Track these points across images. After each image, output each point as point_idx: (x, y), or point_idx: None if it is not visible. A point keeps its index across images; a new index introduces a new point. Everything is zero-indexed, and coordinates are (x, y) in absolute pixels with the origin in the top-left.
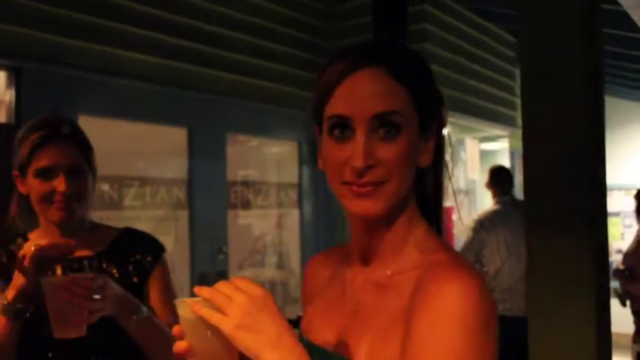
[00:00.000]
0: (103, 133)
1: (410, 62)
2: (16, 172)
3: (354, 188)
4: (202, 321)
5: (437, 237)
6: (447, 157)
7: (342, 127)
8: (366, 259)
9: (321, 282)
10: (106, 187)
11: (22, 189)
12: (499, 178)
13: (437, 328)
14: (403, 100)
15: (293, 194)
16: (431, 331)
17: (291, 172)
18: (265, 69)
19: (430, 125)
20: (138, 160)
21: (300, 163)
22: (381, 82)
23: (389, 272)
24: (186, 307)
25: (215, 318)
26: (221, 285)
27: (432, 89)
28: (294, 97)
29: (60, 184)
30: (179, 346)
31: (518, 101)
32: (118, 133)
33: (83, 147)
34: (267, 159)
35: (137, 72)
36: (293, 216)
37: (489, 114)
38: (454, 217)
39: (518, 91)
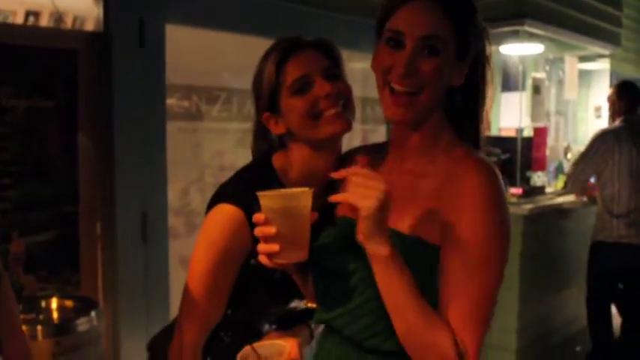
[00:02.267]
0: (191, 43)
1: (459, 2)
2: (266, 114)
3: (394, 87)
4: (285, 211)
5: (461, 144)
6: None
7: (396, 40)
8: (401, 153)
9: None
10: (194, 98)
11: (277, 129)
12: (628, 94)
13: (473, 207)
14: (446, 30)
15: (378, 110)
16: (469, 209)
17: (373, 87)
18: None
19: (465, 55)
20: (225, 70)
21: None
22: (432, 12)
23: (423, 164)
24: (269, 199)
25: (354, 200)
26: (354, 171)
27: (474, 27)
28: (372, 6)
29: (321, 87)
30: (268, 230)
31: (623, 17)
32: (205, 43)
33: (329, 52)
34: (354, 73)
35: None
36: (380, 132)
37: (591, 30)
38: (549, 139)
39: (623, 5)
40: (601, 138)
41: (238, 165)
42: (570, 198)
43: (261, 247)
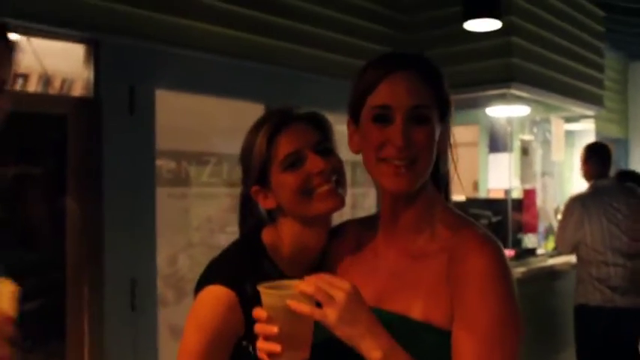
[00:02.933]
0: (179, 108)
1: (431, 68)
2: (255, 188)
3: (393, 162)
4: (289, 310)
5: (454, 211)
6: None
7: (383, 115)
8: (394, 232)
9: (346, 254)
10: (183, 163)
11: (266, 203)
12: (598, 156)
13: (482, 288)
14: (429, 97)
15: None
16: (478, 290)
17: None
18: (344, 43)
19: (446, 117)
20: (215, 135)
21: None
22: (414, 82)
23: (421, 243)
24: (272, 297)
25: (318, 313)
26: (315, 280)
27: (446, 90)
28: None
29: (313, 162)
30: (270, 330)
31: (605, 79)
32: (195, 107)
33: (320, 125)
34: (342, 136)
35: (215, 45)
36: (371, 196)
37: (575, 92)
38: (538, 200)
39: (605, 68)
40: (572, 204)
41: (228, 230)
42: (562, 259)
43: (261, 344)
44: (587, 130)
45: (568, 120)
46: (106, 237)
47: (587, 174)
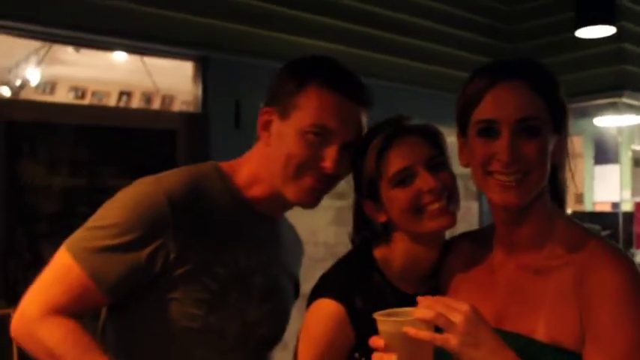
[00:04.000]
0: None
1: (543, 76)
2: (366, 202)
3: (500, 178)
4: (407, 337)
5: (577, 223)
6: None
7: (489, 129)
8: (512, 246)
9: (460, 270)
10: None
11: (378, 217)
12: None
13: (618, 307)
14: (539, 107)
15: (471, 185)
16: (614, 310)
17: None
18: (443, 54)
19: (561, 127)
20: None
21: None
22: (521, 92)
23: (542, 258)
24: (388, 324)
25: (440, 339)
26: (433, 304)
27: (562, 98)
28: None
29: (425, 180)
30: (388, 358)
31: None
32: None
33: (434, 136)
34: (453, 147)
35: None
36: (472, 209)
37: None
38: None
39: None
40: None
41: (332, 243)
42: None
43: None
44: None
45: None
46: None
47: None
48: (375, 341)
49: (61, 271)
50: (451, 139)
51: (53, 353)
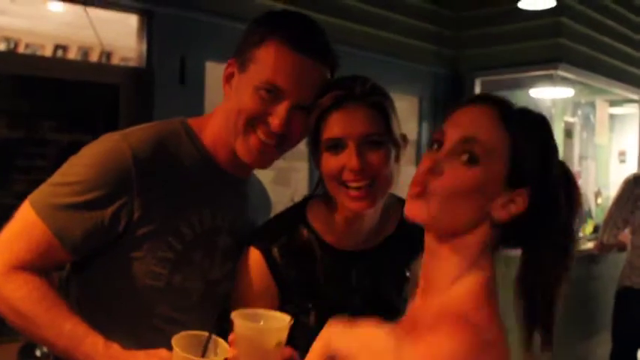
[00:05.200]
0: None
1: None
2: (310, 148)
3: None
4: (248, 340)
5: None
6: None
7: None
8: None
9: None
10: None
11: (316, 165)
12: None
13: None
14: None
15: (411, 151)
16: None
17: (410, 129)
18: (389, 20)
19: (520, 183)
20: None
21: (420, 120)
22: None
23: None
24: (237, 322)
25: None
26: None
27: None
28: (419, 51)
29: (350, 158)
30: (231, 352)
31: None
32: None
33: (382, 110)
34: None
35: None
36: (410, 173)
37: (622, 75)
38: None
39: None
40: (632, 182)
41: (272, 202)
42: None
43: None
44: (630, 115)
45: (612, 104)
46: None
47: None
48: (230, 337)
49: (24, 227)
50: (400, 104)
51: (18, 310)
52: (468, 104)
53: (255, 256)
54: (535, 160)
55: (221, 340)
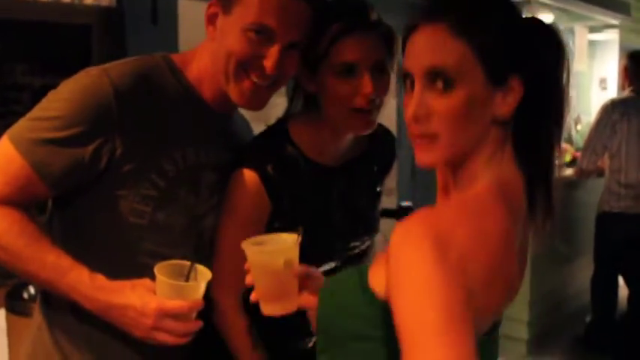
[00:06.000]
0: (203, 18)
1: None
2: (303, 71)
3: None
4: (259, 265)
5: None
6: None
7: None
8: None
9: None
10: None
11: (308, 86)
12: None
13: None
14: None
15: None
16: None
17: None
18: None
19: (505, 75)
20: None
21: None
22: (438, 37)
23: None
24: (247, 250)
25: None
26: None
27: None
28: None
29: (365, 84)
30: (248, 280)
31: None
32: None
33: (390, 39)
34: None
35: None
36: (390, 105)
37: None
38: None
39: None
40: (610, 108)
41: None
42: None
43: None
44: (610, 41)
45: (591, 30)
46: None
47: (631, 79)
48: (246, 265)
49: (3, 161)
50: None
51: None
52: (416, 28)
53: (250, 176)
54: (501, 45)
55: (202, 267)
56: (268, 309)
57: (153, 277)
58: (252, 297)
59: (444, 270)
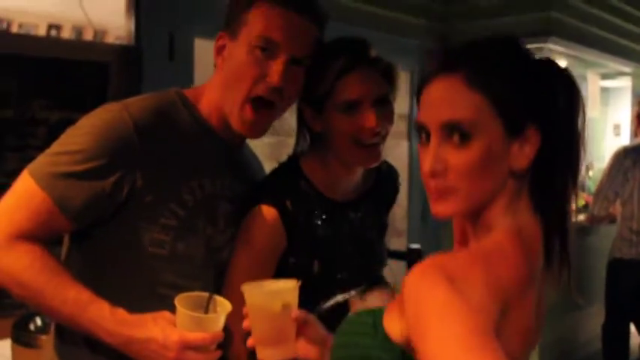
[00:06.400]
0: None
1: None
2: (307, 109)
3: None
4: (256, 308)
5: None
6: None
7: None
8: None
9: None
10: None
11: (314, 125)
12: None
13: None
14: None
15: (402, 125)
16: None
17: (401, 103)
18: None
19: (523, 125)
20: None
21: (411, 94)
22: (453, 89)
23: None
24: (246, 293)
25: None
26: None
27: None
28: (409, 25)
29: (370, 119)
30: (245, 324)
31: None
32: None
33: (389, 74)
34: None
35: None
36: (402, 147)
37: (613, 47)
38: None
39: None
40: (622, 155)
41: None
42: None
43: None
44: (622, 88)
45: (604, 77)
46: None
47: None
48: (244, 309)
49: (24, 196)
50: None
51: (21, 280)
52: (431, 79)
53: (269, 212)
54: (517, 95)
55: (221, 299)
56: (265, 354)
57: (172, 309)
58: (249, 342)
59: (462, 298)
